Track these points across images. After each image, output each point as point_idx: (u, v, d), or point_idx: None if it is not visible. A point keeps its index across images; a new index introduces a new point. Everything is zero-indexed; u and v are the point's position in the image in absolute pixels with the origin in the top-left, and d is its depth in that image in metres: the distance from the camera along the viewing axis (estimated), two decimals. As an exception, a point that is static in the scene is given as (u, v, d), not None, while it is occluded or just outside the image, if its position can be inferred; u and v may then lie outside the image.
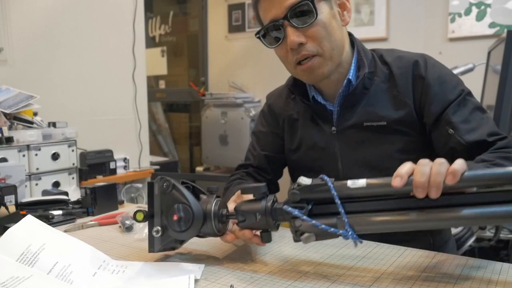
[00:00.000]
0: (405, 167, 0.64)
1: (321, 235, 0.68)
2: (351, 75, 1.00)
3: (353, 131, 1.00)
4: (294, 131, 1.09)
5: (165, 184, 0.76)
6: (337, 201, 0.66)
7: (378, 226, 0.66)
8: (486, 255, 2.03)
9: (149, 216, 0.77)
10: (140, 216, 0.76)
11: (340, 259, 0.78)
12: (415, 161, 0.64)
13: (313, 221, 0.67)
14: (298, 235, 0.70)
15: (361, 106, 1.00)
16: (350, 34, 1.05)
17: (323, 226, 0.67)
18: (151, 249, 0.77)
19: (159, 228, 0.74)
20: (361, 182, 0.66)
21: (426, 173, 0.62)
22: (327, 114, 1.03)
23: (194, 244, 0.89)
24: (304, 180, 0.70)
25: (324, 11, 0.93)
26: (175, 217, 0.73)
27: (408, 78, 0.98)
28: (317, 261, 0.77)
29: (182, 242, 0.79)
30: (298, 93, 1.06)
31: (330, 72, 0.98)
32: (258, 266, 0.76)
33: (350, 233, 0.66)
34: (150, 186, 0.78)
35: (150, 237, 0.77)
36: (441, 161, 0.63)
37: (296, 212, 0.69)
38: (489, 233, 2.07)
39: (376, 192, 0.66)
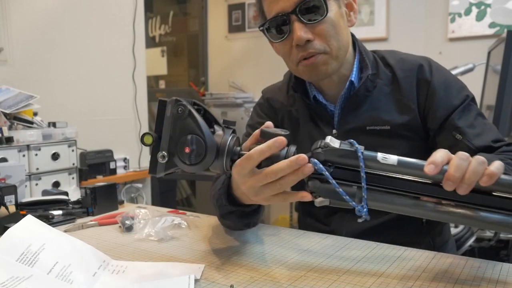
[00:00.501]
0: (440, 154, 0.62)
1: (336, 203, 0.66)
2: (353, 76, 0.99)
3: (355, 134, 0.97)
4: (295, 130, 1.08)
5: (180, 108, 0.69)
6: (363, 174, 0.64)
7: (394, 206, 0.65)
8: (486, 255, 2.03)
9: (157, 139, 0.70)
10: (148, 139, 0.69)
11: (339, 260, 0.78)
12: None
13: (340, 189, 0.64)
14: (313, 195, 0.67)
15: (364, 109, 0.99)
16: (351, 35, 1.04)
17: (347, 197, 0.64)
18: (153, 172, 0.71)
19: (165, 153, 0.69)
20: (393, 159, 0.64)
21: (463, 168, 0.59)
22: (328, 116, 1.02)
23: (194, 244, 0.89)
24: (333, 142, 0.67)
25: (333, 9, 0.92)
26: (186, 150, 0.67)
27: (412, 81, 0.97)
28: (316, 261, 0.77)
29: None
30: (300, 91, 1.04)
31: (334, 71, 0.96)
32: (258, 266, 0.76)
33: (365, 209, 0.64)
34: (162, 104, 0.70)
35: (153, 160, 0.70)
36: (481, 160, 0.60)
37: (330, 179, 0.64)
38: (489, 233, 2.07)
39: (404, 172, 0.64)
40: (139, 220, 1.00)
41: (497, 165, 0.60)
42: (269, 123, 0.73)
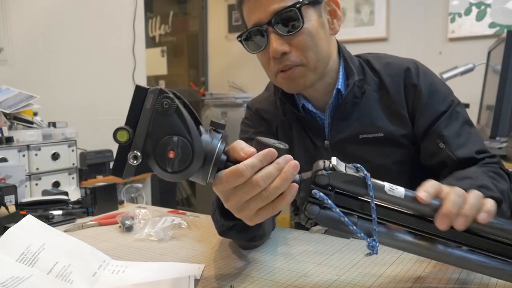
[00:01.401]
0: (431, 184, 0.60)
1: (334, 233, 0.60)
2: (340, 84, 0.96)
3: (347, 144, 0.96)
4: (289, 142, 1.01)
5: (165, 102, 0.56)
6: (373, 205, 0.58)
7: (400, 243, 0.61)
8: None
9: (132, 137, 0.57)
10: (123, 136, 0.57)
11: (339, 260, 0.78)
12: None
13: (355, 227, 0.58)
14: (309, 223, 0.60)
15: (355, 117, 0.96)
16: (336, 41, 1.01)
17: (361, 234, 0.58)
18: (118, 174, 0.59)
19: (139, 154, 0.57)
20: (400, 192, 0.59)
21: (459, 204, 0.57)
22: (318, 126, 0.99)
23: (194, 244, 0.89)
24: (339, 164, 0.60)
25: (311, 19, 0.88)
26: (170, 155, 0.56)
27: (400, 87, 0.95)
28: (316, 261, 0.77)
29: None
30: (289, 102, 1.00)
31: (312, 83, 0.93)
32: (258, 266, 0.76)
33: (377, 244, 0.58)
34: (140, 92, 0.57)
35: (121, 159, 0.58)
36: (477, 194, 0.58)
37: (334, 208, 0.57)
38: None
39: (408, 207, 0.60)
40: (139, 220, 1.00)
41: (491, 203, 0.58)
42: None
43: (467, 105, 2.61)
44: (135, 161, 0.57)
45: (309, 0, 0.87)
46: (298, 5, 0.85)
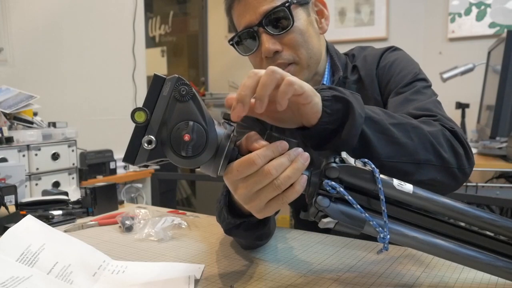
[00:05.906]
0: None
1: (344, 226, 0.58)
2: (325, 80, 0.98)
3: None
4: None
5: (182, 89, 0.57)
6: (382, 197, 0.57)
7: (407, 240, 0.60)
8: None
9: (149, 118, 0.58)
10: (140, 116, 0.57)
11: (340, 259, 0.78)
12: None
13: (367, 214, 0.56)
14: (318, 216, 0.59)
15: None
16: (325, 41, 1.02)
17: (374, 223, 0.56)
18: (130, 160, 0.59)
19: (154, 138, 0.57)
20: (408, 188, 0.59)
21: (248, 85, 0.56)
22: None
23: (194, 244, 0.89)
24: (349, 158, 0.59)
25: (301, 18, 0.91)
26: (186, 137, 0.56)
27: (373, 73, 0.96)
28: (317, 261, 0.77)
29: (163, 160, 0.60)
30: None
31: (307, 81, 0.91)
32: (258, 266, 0.76)
33: (388, 236, 0.57)
34: (158, 81, 0.58)
35: (135, 144, 0.58)
36: (272, 69, 0.56)
37: (347, 195, 0.56)
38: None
39: (416, 204, 0.60)
40: (139, 220, 1.00)
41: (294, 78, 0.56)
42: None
43: (467, 105, 2.62)
44: (149, 146, 0.57)
45: (297, 0, 0.90)
46: (287, 4, 0.88)
